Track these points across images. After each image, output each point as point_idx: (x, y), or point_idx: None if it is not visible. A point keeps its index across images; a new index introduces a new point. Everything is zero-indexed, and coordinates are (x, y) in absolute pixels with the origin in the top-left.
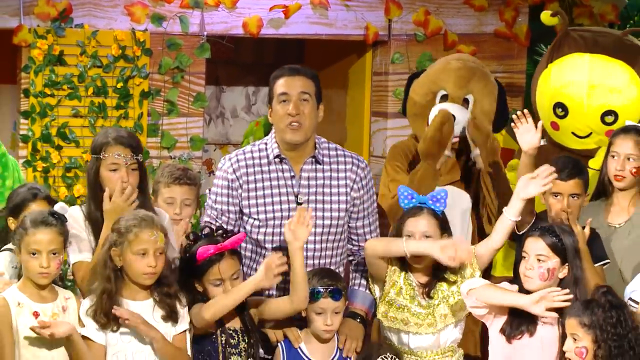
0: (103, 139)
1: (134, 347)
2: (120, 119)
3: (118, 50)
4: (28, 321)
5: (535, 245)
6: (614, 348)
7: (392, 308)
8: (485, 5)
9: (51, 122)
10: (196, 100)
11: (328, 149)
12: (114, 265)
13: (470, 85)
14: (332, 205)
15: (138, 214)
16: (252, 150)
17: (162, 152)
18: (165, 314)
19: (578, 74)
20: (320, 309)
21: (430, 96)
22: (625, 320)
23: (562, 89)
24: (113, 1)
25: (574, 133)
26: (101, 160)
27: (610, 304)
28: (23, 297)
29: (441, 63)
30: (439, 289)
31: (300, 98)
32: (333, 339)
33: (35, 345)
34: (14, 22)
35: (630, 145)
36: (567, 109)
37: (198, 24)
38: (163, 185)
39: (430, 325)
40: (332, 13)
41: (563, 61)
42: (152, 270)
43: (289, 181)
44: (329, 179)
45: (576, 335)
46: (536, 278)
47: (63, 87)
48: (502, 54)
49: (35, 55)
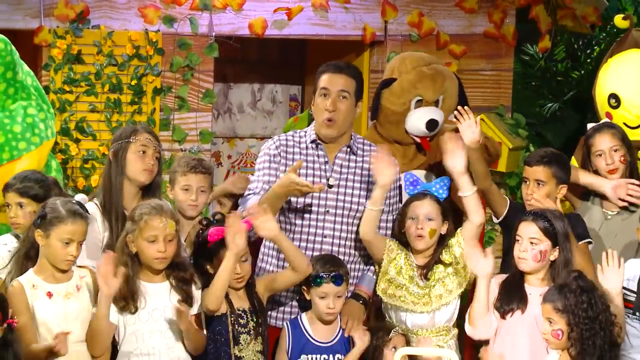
0: (131, 127)
1: (150, 326)
2: (134, 114)
3: (132, 49)
4: (42, 301)
5: (529, 229)
6: (585, 330)
7: (391, 286)
8: (475, 7)
9: (70, 117)
10: (205, 96)
11: (363, 144)
12: (129, 251)
13: (444, 87)
14: (360, 192)
15: (150, 203)
16: (293, 135)
17: (174, 145)
18: (181, 297)
19: (632, 68)
20: (323, 293)
21: (407, 104)
22: (596, 303)
23: (617, 82)
24: (127, 3)
25: (625, 123)
26: (130, 143)
27: (582, 289)
28: (38, 280)
29: (413, 73)
30: (435, 270)
31: (339, 95)
32: (336, 321)
33: (51, 325)
34: (35, 23)
35: (608, 138)
36: (620, 100)
37: (207, 25)
38: (180, 174)
39: (426, 304)
40: (332, 15)
41: (621, 56)
42: (162, 255)
43: (323, 165)
44: (360, 169)
45: (552, 319)
46: (529, 259)
47: (81, 84)
48: (490, 53)
49: (54, 54)
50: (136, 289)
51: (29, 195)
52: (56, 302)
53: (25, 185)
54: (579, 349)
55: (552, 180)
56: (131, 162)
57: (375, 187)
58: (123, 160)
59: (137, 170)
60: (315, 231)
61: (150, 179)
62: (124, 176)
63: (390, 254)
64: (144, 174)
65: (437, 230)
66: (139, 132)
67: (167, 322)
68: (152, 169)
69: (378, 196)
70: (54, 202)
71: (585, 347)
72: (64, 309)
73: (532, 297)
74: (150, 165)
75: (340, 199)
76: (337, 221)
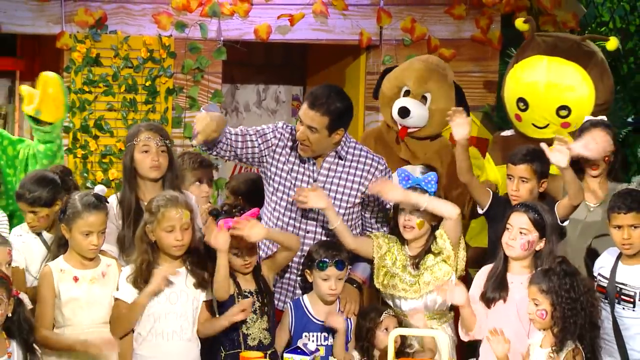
0: (135, 129)
1: (167, 308)
2: (148, 112)
3: (147, 53)
4: (68, 284)
5: (520, 219)
6: (567, 310)
7: (387, 276)
8: (463, 14)
9: (89, 115)
10: (214, 96)
11: (354, 149)
12: (148, 239)
13: (428, 84)
14: (343, 196)
15: (166, 195)
16: (294, 130)
17: (185, 141)
18: (196, 282)
19: (537, 74)
20: (326, 275)
21: (395, 90)
22: (578, 286)
23: (524, 86)
24: (142, 10)
25: (534, 124)
26: (134, 145)
27: (565, 272)
28: (66, 265)
29: (408, 62)
30: (426, 259)
31: (308, 128)
32: (335, 302)
33: (75, 306)
34: (57, 29)
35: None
36: (528, 103)
37: (216, 31)
38: (189, 170)
39: (416, 291)
40: (331, 21)
41: (526, 62)
42: (179, 243)
43: (311, 166)
44: (346, 174)
45: (537, 300)
46: (517, 247)
47: (99, 85)
48: (477, 56)
49: (75, 57)
50: (152, 273)
51: (39, 204)
52: (81, 286)
53: (33, 195)
54: (561, 326)
55: (534, 177)
56: (139, 161)
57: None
58: (133, 161)
59: (145, 169)
60: (300, 225)
61: (160, 173)
62: (138, 174)
63: (380, 250)
64: (152, 170)
65: (425, 221)
66: (141, 132)
67: (183, 305)
68: (158, 164)
69: (330, 216)
70: (73, 198)
71: (566, 325)
72: (88, 293)
73: (513, 285)
74: (155, 162)
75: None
76: (320, 219)
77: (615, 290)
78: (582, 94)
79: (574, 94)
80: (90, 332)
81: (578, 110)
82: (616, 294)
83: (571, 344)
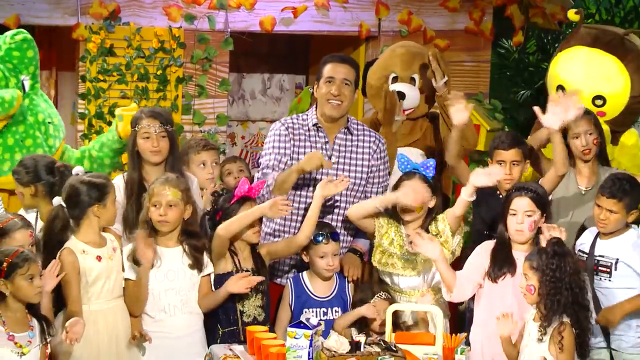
0: (137, 115)
1: (166, 285)
2: (159, 100)
3: (158, 43)
4: (93, 264)
5: (522, 202)
6: (551, 288)
7: (384, 256)
8: (457, 6)
9: (103, 103)
10: (221, 84)
11: (357, 125)
12: (148, 219)
13: (414, 67)
14: (357, 167)
15: (162, 176)
16: (297, 118)
17: (194, 127)
18: (191, 262)
19: (576, 63)
20: (323, 252)
21: (383, 79)
22: (564, 267)
23: (563, 74)
24: (153, 3)
25: None
26: (136, 131)
27: (555, 253)
28: (84, 245)
29: (389, 51)
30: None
31: (343, 82)
32: (332, 278)
33: (99, 281)
34: (72, 20)
35: (585, 123)
36: (566, 91)
37: (223, 22)
38: (193, 153)
39: (414, 269)
40: (332, 13)
41: (568, 52)
42: (162, 218)
43: (324, 145)
44: (356, 147)
45: (527, 275)
46: (526, 230)
47: (113, 74)
48: (470, 46)
49: (90, 47)
50: (154, 250)
51: (21, 183)
52: (104, 263)
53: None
54: (544, 303)
55: (523, 159)
56: (141, 147)
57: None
58: (135, 146)
59: (146, 153)
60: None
61: (161, 157)
62: (141, 158)
63: (381, 229)
64: (152, 155)
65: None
66: (141, 119)
67: (180, 282)
68: (158, 149)
69: (387, 199)
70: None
71: (548, 302)
72: (108, 269)
73: (519, 261)
74: (156, 147)
75: (339, 175)
76: (339, 193)
77: (594, 262)
78: (618, 85)
79: (610, 85)
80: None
81: (613, 101)
82: (594, 265)
83: (557, 319)
